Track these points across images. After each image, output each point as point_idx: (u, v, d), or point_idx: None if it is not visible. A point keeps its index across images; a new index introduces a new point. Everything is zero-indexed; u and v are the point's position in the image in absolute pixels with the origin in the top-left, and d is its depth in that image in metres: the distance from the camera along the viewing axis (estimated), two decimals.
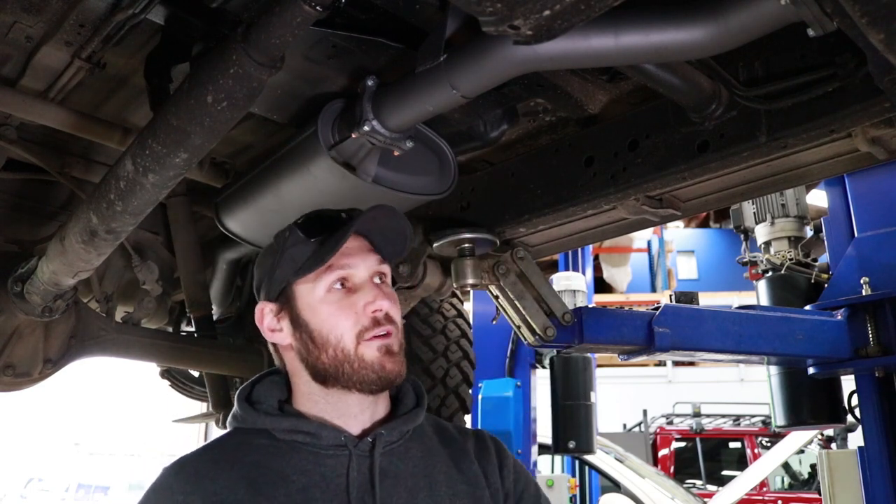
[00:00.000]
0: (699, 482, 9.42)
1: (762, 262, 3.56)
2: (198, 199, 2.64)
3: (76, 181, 2.34)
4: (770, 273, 3.49)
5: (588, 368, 4.63)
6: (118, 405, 13.52)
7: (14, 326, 2.35)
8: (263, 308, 1.28)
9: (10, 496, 13.26)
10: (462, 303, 3.35)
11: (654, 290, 13.80)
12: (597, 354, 4.56)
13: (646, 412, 10.12)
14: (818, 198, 3.86)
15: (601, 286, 12.85)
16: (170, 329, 3.28)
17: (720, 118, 1.50)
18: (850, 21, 0.94)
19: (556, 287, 4.28)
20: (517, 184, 1.94)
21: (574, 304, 3.49)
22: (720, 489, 7.39)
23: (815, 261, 3.57)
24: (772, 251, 3.53)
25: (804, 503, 8.16)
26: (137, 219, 1.60)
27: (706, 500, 6.58)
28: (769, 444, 8.38)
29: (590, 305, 2.60)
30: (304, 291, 1.25)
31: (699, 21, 1.07)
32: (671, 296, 2.72)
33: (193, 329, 2.90)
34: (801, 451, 8.10)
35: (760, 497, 8.18)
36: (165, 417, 5.10)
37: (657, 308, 2.30)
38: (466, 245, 1.99)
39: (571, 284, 4.41)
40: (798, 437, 6.66)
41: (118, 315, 2.84)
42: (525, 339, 2.13)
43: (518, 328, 2.14)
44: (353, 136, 1.34)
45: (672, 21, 1.08)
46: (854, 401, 3.07)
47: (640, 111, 1.69)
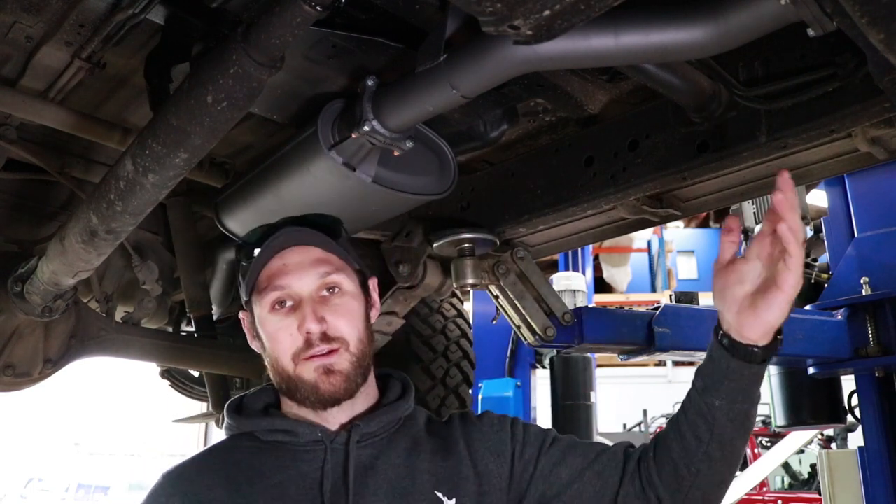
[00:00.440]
0: None
1: None
2: (198, 199, 2.63)
3: (76, 181, 2.34)
4: None
5: (588, 368, 4.64)
6: (118, 405, 13.52)
7: (14, 326, 2.34)
8: (243, 317, 1.34)
9: (10, 496, 13.27)
10: (462, 303, 3.35)
11: (654, 290, 13.75)
12: (597, 354, 4.57)
13: (646, 412, 10.13)
14: (818, 198, 3.86)
15: (601, 286, 12.81)
16: (170, 329, 3.29)
17: (720, 118, 1.49)
18: (850, 21, 0.94)
19: (556, 287, 4.29)
20: (517, 184, 1.94)
21: (574, 304, 3.48)
22: None
23: (816, 261, 3.57)
24: None
25: (804, 503, 8.15)
26: (137, 219, 1.60)
27: None
28: (769, 444, 8.36)
29: (590, 305, 2.60)
30: (257, 307, 1.28)
31: (699, 21, 1.07)
32: (671, 296, 2.72)
33: (193, 329, 2.90)
34: (801, 451, 8.09)
35: (760, 497, 8.17)
36: (165, 417, 5.10)
37: (657, 308, 2.30)
38: (466, 245, 1.99)
39: (571, 284, 4.42)
40: (798, 437, 6.64)
41: (118, 315, 2.84)
42: (525, 339, 2.13)
43: (518, 328, 2.14)
44: (353, 136, 1.34)
45: (672, 21, 1.08)
46: (854, 401, 3.07)
47: (640, 111, 1.69)
